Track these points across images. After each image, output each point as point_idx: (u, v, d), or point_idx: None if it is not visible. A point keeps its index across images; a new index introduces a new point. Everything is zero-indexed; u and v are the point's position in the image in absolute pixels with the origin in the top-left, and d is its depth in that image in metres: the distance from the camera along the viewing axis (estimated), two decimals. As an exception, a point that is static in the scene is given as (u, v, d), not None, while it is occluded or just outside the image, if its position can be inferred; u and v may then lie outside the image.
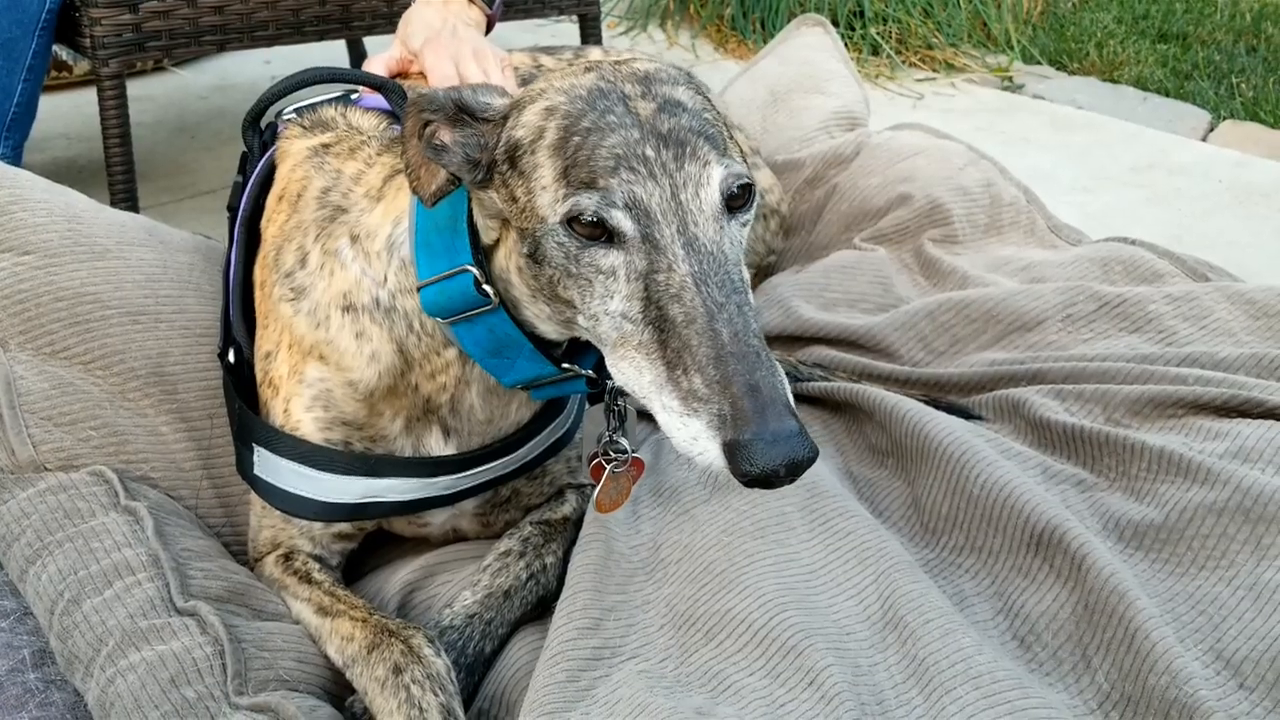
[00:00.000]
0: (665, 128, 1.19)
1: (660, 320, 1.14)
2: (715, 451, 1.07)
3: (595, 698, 1.29)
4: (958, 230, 2.36)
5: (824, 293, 2.23)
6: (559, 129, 1.21)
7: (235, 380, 1.57)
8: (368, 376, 1.45)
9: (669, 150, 1.18)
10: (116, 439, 1.59)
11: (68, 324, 1.61)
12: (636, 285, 1.16)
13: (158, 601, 1.37)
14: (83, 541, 1.43)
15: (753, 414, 1.06)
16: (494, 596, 1.48)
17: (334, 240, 1.48)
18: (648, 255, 1.16)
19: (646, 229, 1.16)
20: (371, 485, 1.49)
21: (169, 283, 1.70)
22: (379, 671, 1.36)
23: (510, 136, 1.25)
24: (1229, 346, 1.89)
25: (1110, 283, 2.13)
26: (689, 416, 1.09)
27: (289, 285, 1.50)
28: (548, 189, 1.20)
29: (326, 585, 1.51)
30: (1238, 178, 3.36)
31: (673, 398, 1.11)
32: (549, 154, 1.21)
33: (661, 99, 1.22)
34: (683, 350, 1.11)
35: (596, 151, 1.17)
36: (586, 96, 1.22)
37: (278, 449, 1.49)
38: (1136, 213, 3.15)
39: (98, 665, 1.32)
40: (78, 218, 1.69)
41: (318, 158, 1.59)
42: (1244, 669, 1.35)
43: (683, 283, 1.14)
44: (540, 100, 1.25)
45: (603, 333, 1.21)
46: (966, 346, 2.05)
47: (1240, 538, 1.49)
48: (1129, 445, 1.66)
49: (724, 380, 1.08)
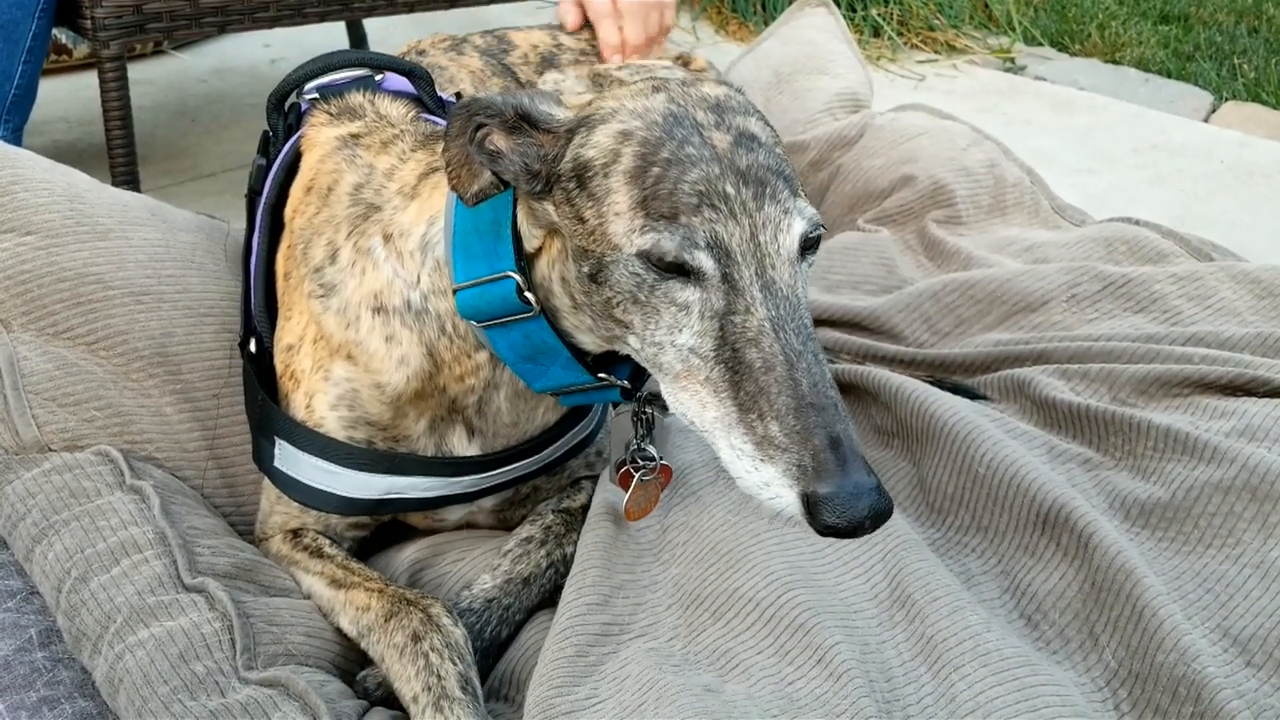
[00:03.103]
0: (743, 164, 1.18)
1: (734, 361, 1.14)
2: (792, 500, 1.08)
3: (604, 673, 1.29)
4: (961, 211, 2.35)
5: (828, 274, 2.22)
6: (636, 156, 1.18)
7: (257, 370, 1.55)
8: (396, 380, 1.44)
9: (748, 189, 1.17)
10: (121, 419, 1.58)
11: (70, 304, 1.61)
12: (711, 324, 1.16)
13: (165, 578, 1.37)
14: (89, 520, 1.43)
15: (835, 468, 1.07)
16: (513, 582, 1.47)
17: (366, 238, 1.45)
18: (726, 296, 1.15)
19: (726, 269, 1.15)
20: (394, 482, 1.48)
21: (172, 262, 1.69)
22: (397, 639, 1.35)
23: (579, 155, 1.22)
24: (1234, 326, 1.89)
25: (1114, 263, 2.12)
26: (763, 462, 1.10)
27: (318, 281, 1.48)
28: (622, 216, 1.18)
29: (339, 559, 1.51)
30: (1240, 158, 3.36)
31: (745, 441, 1.11)
32: (625, 181, 1.18)
33: (736, 131, 1.21)
34: (759, 396, 1.11)
35: (679, 186, 1.16)
36: (662, 123, 1.20)
37: (301, 444, 1.48)
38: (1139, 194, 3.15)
39: (106, 642, 1.32)
40: (79, 197, 1.68)
41: (348, 149, 1.56)
42: (1251, 646, 1.35)
43: (760, 327, 1.13)
44: (612, 121, 1.22)
45: (665, 361, 1.20)
46: (971, 327, 2.05)
47: (1247, 516, 1.49)
48: (1135, 424, 1.66)
49: (804, 431, 1.09)
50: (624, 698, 1.25)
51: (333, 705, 1.27)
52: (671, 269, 1.16)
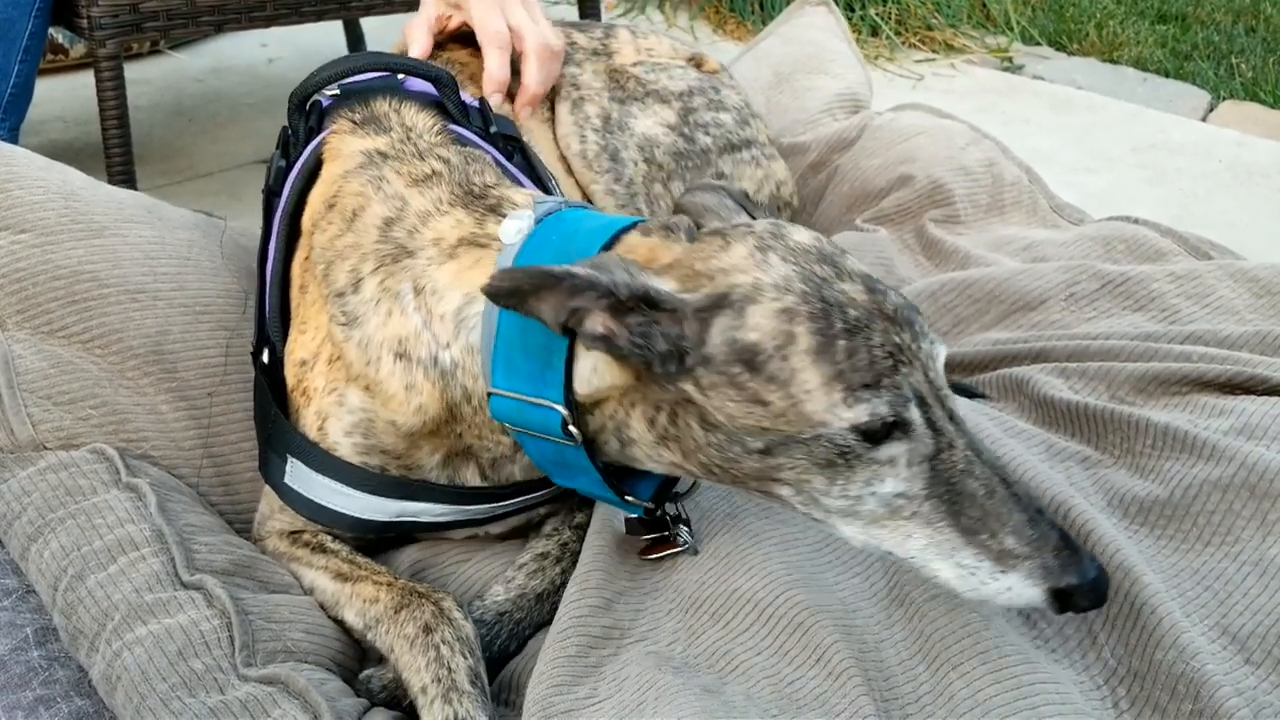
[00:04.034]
0: (889, 309, 1.21)
1: (950, 494, 1.19)
2: (1037, 595, 1.18)
3: (603, 674, 1.29)
4: (960, 210, 2.35)
5: (825, 274, 2.21)
6: (812, 333, 1.18)
7: (270, 383, 1.52)
8: (412, 423, 1.42)
9: (906, 333, 1.21)
10: (116, 418, 1.57)
11: (65, 302, 1.60)
12: (920, 468, 1.20)
13: (163, 576, 1.37)
14: (85, 518, 1.43)
15: (1073, 562, 1.17)
16: (526, 598, 1.46)
17: (395, 280, 1.41)
18: (932, 439, 1.20)
19: (926, 415, 1.20)
20: (406, 507, 1.48)
21: (168, 260, 1.68)
22: (408, 629, 1.35)
23: (736, 338, 1.20)
24: (1232, 324, 1.88)
25: (1113, 261, 2.12)
26: (1004, 573, 1.18)
27: (341, 307, 1.44)
28: (815, 394, 1.17)
29: (344, 554, 1.50)
30: (1238, 157, 3.36)
31: (979, 559, 1.19)
32: (810, 360, 1.18)
33: (859, 278, 1.24)
34: (988, 518, 1.18)
35: (872, 353, 1.18)
36: (810, 291, 1.20)
37: (315, 464, 1.46)
38: (1137, 193, 3.14)
39: (103, 640, 1.32)
40: (74, 195, 1.68)
41: (374, 169, 1.51)
42: (1250, 644, 1.35)
43: (968, 458, 1.20)
44: (762, 301, 1.20)
45: (863, 510, 1.23)
46: (969, 326, 2.04)
47: (1245, 513, 1.48)
48: (1133, 422, 1.66)
49: (1041, 538, 1.17)
50: (623, 697, 1.25)
51: (333, 703, 1.27)
52: (880, 433, 1.19)
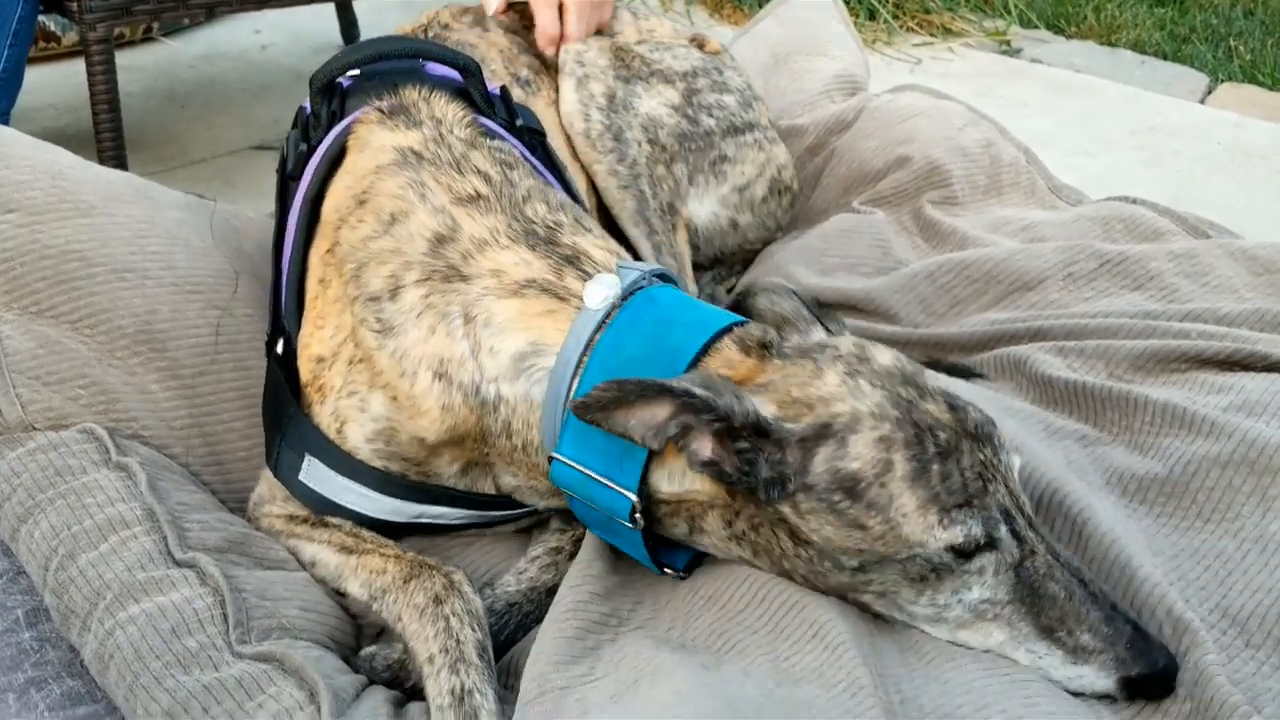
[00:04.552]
0: (971, 426, 1.27)
1: (1032, 597, 1.26)
2: (1110, 685, 1.24)
3: (600, 656, 1.30)
4: (957, 191, 2.33)
5: (822, 257, 2.20)
6: (908, 459, 1.24)
7: (286, 375, 1.50)
8: (440, 438, 1.42)
9: (987, 448, 1.27)
10: (106, 397, 1.56)
11: (53, 282, 1.59)
12: (1006, 575, 1.26)
13: (155, 554, 1.36)
14: (75, 498, 1.42)
15: (1145, 652, 1.23)
16: (537, 590, 1.46)
17: (444, 301, 1.38)
18: (1017, 548, 1.26)
19: (1012, 526, 1.26)
20: (427, 510, 1.49)
21: (157, 239, 1.67)
22: (418, 599, 1.36)
23: (839, 468, 1.25)
24: (1231, 303, 1.87)
25: (1111, 241, 2.10)
26: (1076, 664, 1.25)
27: (374, 313, 1.41)
28: (911, 516, 1.23)
29: (347, 528, 1.50)
30: (1236, 140, 3.35)
31: (1052, 650, 1.25)
32: (907, 485, 1.23)
33: (940, 395, 1.30)
34: (1065, 617, 1.25)
35: (964, 475, 1.24)
36: (902, 418, 1.25)
37: (335, 465, 1.45)
38: (1136, 175, 3.14)
39: (95, 619, 1.31)
40: (62, 174, 1.67)
41: (410, 171, 1.48)
42: (1250, 625, 1.33)
43: (1049, 563, 1.26)
44: (862, 430, 1.25)
45: (949, 617, 1.28)
46: (967, 307, 2.03)
47: (1245, 490, 1.48)
48: (1132, 399, 1.65)
49: (1115, 634, 1.23)
50: (620, 675, 1.25)
51: (329, 680, 1.27)
52: (972, 548, 1.24)
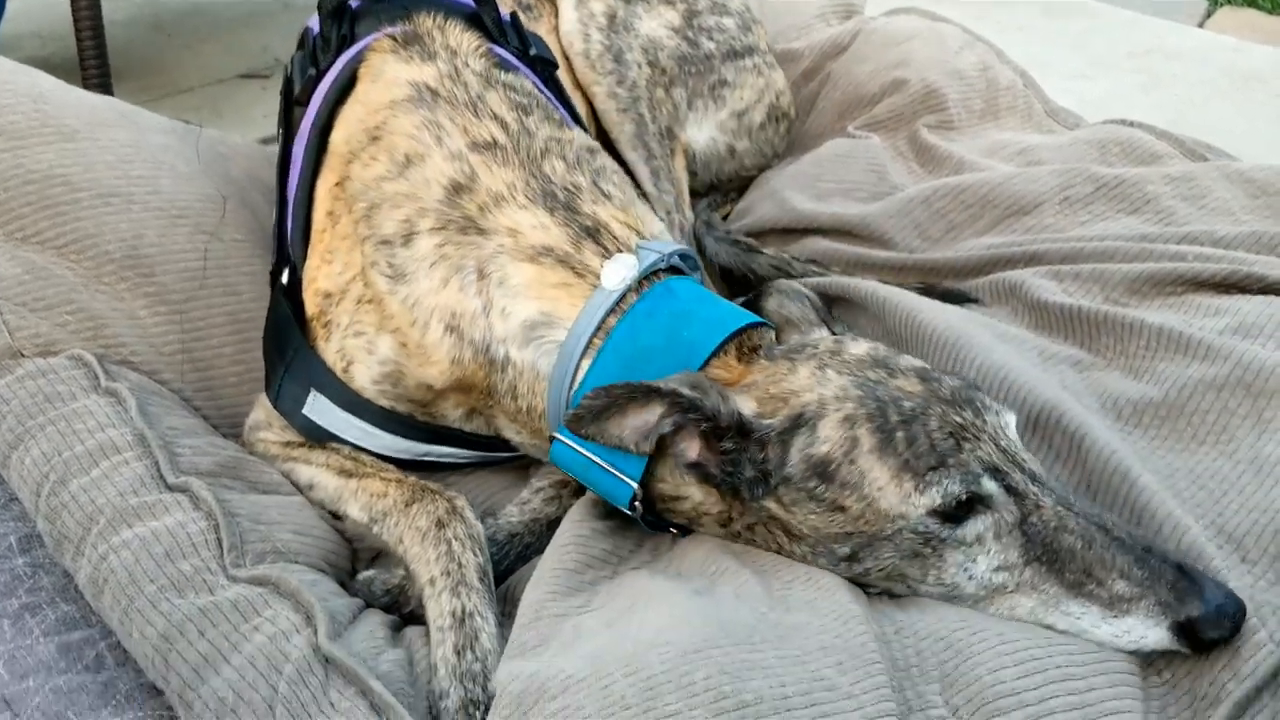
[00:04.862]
0: (946, 394, 1.25)
1: (1049, 554, 1.21)
2: (1161, 635, 1.16)
3: (598, 591, 1.31)
4: (953, 115, 2.31)
5: (817, 183, 2.18)
6: (873, 431, 1.22)
7: (291, 307, 1.49)
8: (447, 385, 1.42)
9: (966, 410, 1.24)
10: (94, 323, 1.55)
11: (38, 207, 1.57)
12: (1011, 537, 1.22)
13: (147, 479, 1.36)
14: (65, 424, 1.41)
15: (1193, 590, 1.15)
16: (539, 523, 1.47)
17: (459, 253, 1.38)
18: (1016, 505, 1.22)
19: (1004, 482, 1.22)
20: (433, 449, 1.49)
21: (142, 163, 1.65)
22: (421, 522, 1.37)
23: (811, 454, 1.24)
24: (1228, 225, 1.86)
25: (1108, 165, 2.09)
26: (1117, 617, 1.18)
27: (386, 257, 1.40)
28: (887, 489, 1.21)
29: (345, 451, 1.50)
30: (1234, 64, 3.32)
31: (1088, 607, 1.19)
32: (876, 457, 1.22)
33: (912, 371, 1.28)
34: (1092, 568, 1.19)
35: (931, 436, 1.21)
36: (866, 394, 1.24)
37: (342, 403, 1.45)
38: (1133, 99, 3.11)
39: (89, 544, 1.31)
40: (44, 98, 1.64)
41: (426, 109, 1.46)
42: (1246, 543, 1.33)
43: (1058, 513, 1.21)
44: (828, 415, 1.24)
45: (965, 594, 1.24)
46: (963, 232, 2.02)
47: (1241, 412, 1.47)
48: (1127, 323, 1.64)
49: (1153, 574, 1.17)
50: (617, 604, 1.26)
51: (325, 603, 1.27)
52: (960, 512, 1.21)
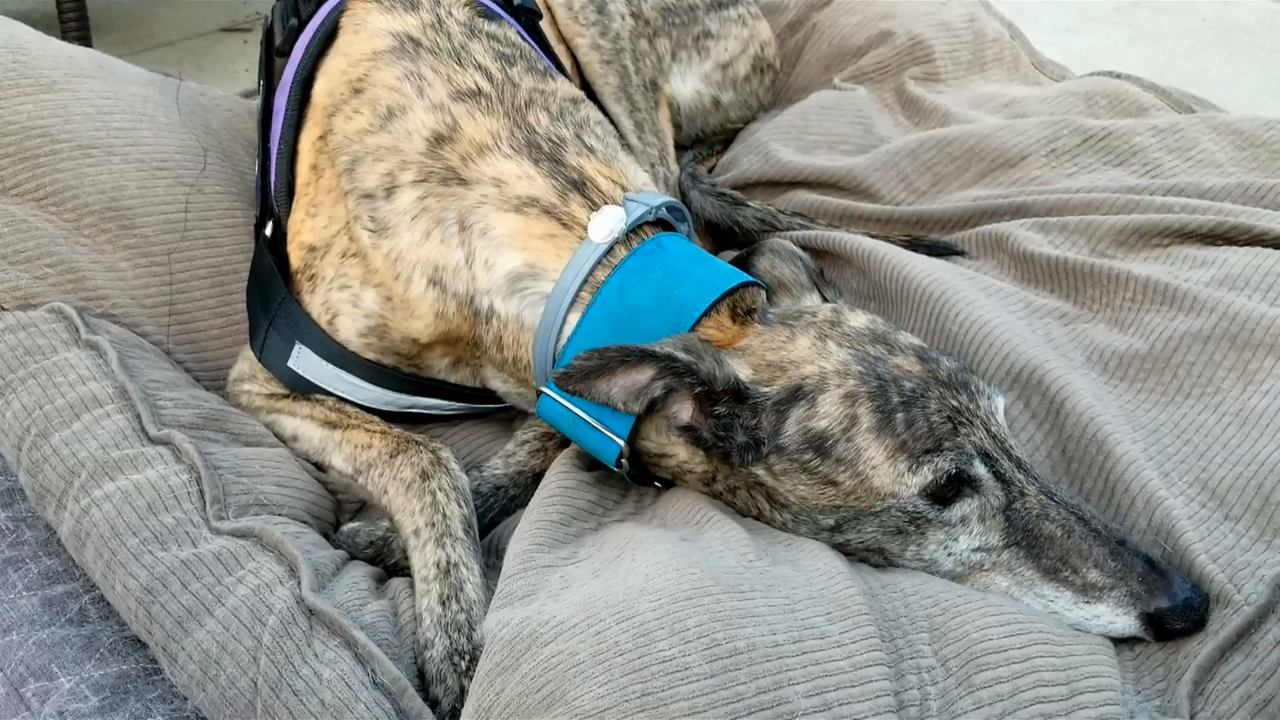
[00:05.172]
0: (943, 375, 1.26)
1: (1029, 539, 1.23)
2: (1130, 623, 1.20)
3: (583, 542, 1.32)
4: (940, 68, 2.30)
5: (803, 135, 2.17)
6: (873, 410, 1.23)
7: (276, 260, 1.48)
8: (432, 338, 1.41)
9: (962, 394, 1.26)
10: (74, 276, 1.54)
11: (16, 159, 1.55)
12: (994, 521, 1.24)
13: (129, 432, 1.35)
14: (45, 377, 1.40)
15: (1161, 584, 1.19)
16: (525, 475, 1.47)
17: (440, 205, 1.36)
18: (1002, 491, 1.24)
19: (993, 468, 1.24)
20: (419, 400, 1.49)
21: (121, 115, 1.63)
22: (405, 474, 1.37)
23: (809, 427, 1.24)
24: (1215, 177, 1.86)
25: (1095, 116, 2.08)
26: (1089, 603, 1.21)
27: (369, 211, 1.39)
28: (881, 468, 1.22)
29: (330, 403, 1.49)
30: (1221, 15, 3.32)
31: (1062, 591, 1.22)
32: (873, 437, 1.23)
33: (911, 350, 1.29)
34: (1068, 556, 1.22)
35: (930, 419, 1.23)
36: (866, 372, 1.24)
37: (328, 356, 1.45)
38: (1120, 51, 3.11)
39: (71, 497, 1.31)
40: (21, 49, 1.61)
41: (408, 60, 1.45)
42: (1229, 498, 1.33)
43: (1041, 502, 1.24)
44: (829, 389, 1.24)
45: (942, 570, 1.26)
46: (949, 184, 2.01)
47: (1227, 364, 1.48)
48: (1113, 275, 1.64)
49: (1125, 567, 1.20)
50: (603, 554, 1.26)
51: (309, 555, 1.27)
52: (948, 494, 1.22)
